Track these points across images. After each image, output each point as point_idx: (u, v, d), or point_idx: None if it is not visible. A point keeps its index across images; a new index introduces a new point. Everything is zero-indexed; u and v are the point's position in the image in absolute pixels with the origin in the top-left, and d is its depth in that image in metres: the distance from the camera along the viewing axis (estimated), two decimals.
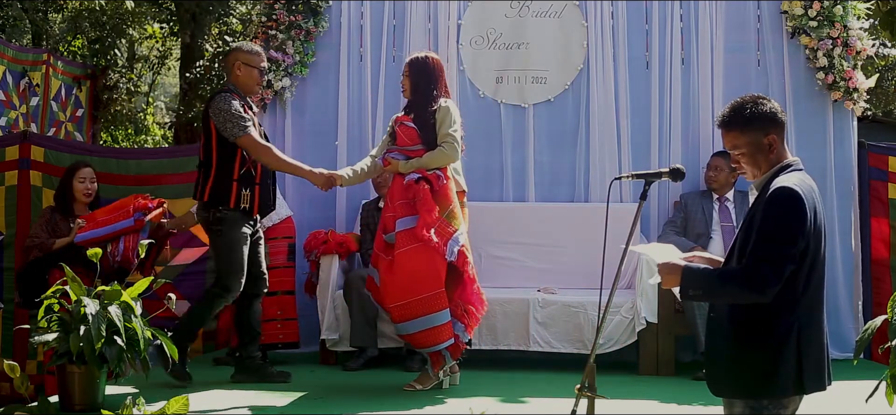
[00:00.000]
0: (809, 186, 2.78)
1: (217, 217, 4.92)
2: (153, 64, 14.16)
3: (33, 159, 6.15)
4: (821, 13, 6.22)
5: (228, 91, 5.03)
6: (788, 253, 2.67)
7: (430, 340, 4.83)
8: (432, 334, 4.82)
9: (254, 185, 4.98)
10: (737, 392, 2.80)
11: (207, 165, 4.98)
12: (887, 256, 6.12)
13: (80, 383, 4.21)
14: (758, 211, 2.75)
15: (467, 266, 4.86)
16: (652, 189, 4.22)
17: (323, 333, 5.78)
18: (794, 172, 2.81)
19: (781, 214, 2.69)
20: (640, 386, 5.27)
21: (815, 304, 2.77)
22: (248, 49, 5.15)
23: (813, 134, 6.32)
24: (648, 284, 5.55)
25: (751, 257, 2.70)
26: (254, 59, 5.09)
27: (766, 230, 2.69)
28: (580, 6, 6.52)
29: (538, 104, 6.52)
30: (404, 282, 4.80)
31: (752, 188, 2.93)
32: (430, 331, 4.81)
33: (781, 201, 2.70)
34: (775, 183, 2.76)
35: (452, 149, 4.91)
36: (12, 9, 10.38)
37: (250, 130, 4.88)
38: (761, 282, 2.66)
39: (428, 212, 4.78)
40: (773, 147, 2.84)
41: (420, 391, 4.94)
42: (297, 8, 6.40)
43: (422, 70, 5.00)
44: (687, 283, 2.79)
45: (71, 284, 4.21)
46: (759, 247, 2.68)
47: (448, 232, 4.80)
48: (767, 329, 2.73)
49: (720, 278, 2.77)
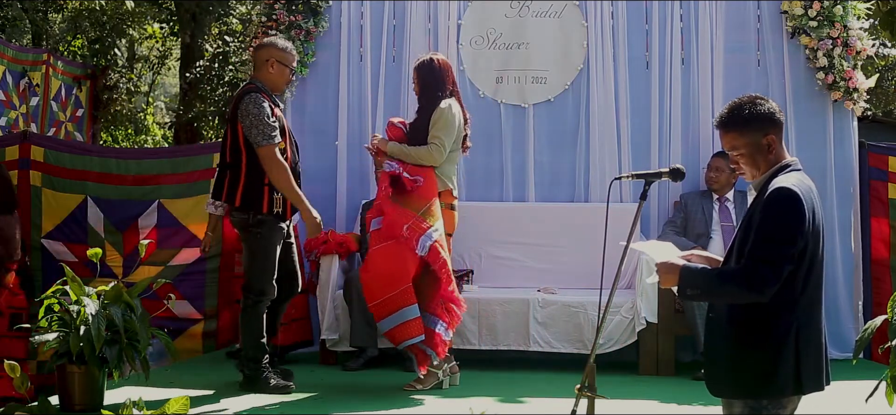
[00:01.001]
0: (808, 186, 2.78)
1: (257, 219, 4.84)
2: (153, 64, 14.17)
3: (33, 159, 6.15)
4: (821, 13, 6.21)
5: (257, 90, 4.87)
6: (787, 253, 2.67)
7: (401, 335, 4.83)
8: (403, 329, 4.81)
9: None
10: (736, 392, 2.80)
11: (235, 167, 4.85)
12: (887, 256, 6.12)
13: (80, 383, 4.21)
14: (756, 211, 2.75)
15: (439, 264, 4.85)
16: (652, 189, 4.21)
17: (323, 333, 5.78)
18: (793, 172, 2.81)
19: (780, 215, 2.68)
20: (640, 386, 5.27)
21: (813, 304, 2.77)
22: (282, 46, 5.04)
23: (813, 134, 6.31)
24: (648, 284, 5.55)
25: (749, 258, 2.69)
26: (288, 57, 5.02)
27: (765, 230, 2.68)
28: (580, 6, 6.52)
29: (538, 104, 6.52)
30: (379, 280, 4.83)
31: (751, 188, 2.93)
32: (401, 326, 4.82)
33: (780, 202, 2.69)
34: (774, 183, 2.75)
35: (437, 151, 4.95)
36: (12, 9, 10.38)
37: (274, 141, 4.78)
38: (760, 282, 2.66)
39: (389, 206, 4.85)
40: (772, 147, 2.84)
41: (420, 390, 4.94)
42: (297, 8, 6.40)
43: (428, 72, 5.06)
44: (685, 282, 2.80)
45: (71, 284, 4.21)
46: (758, 247, 2.68)
47: (421, 228, 4.82)
48: (766, 329, 2.72)
49: (719, 278, 2.77)
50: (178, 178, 6.28)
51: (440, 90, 5.03)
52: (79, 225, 6.15)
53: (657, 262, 2.87)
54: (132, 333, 4.23)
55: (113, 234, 6.13)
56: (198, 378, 5.12)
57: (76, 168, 6.19)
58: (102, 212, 6.14)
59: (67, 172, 6.19)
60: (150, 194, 6.20)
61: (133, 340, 4.23)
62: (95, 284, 4.39)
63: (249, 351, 4.91)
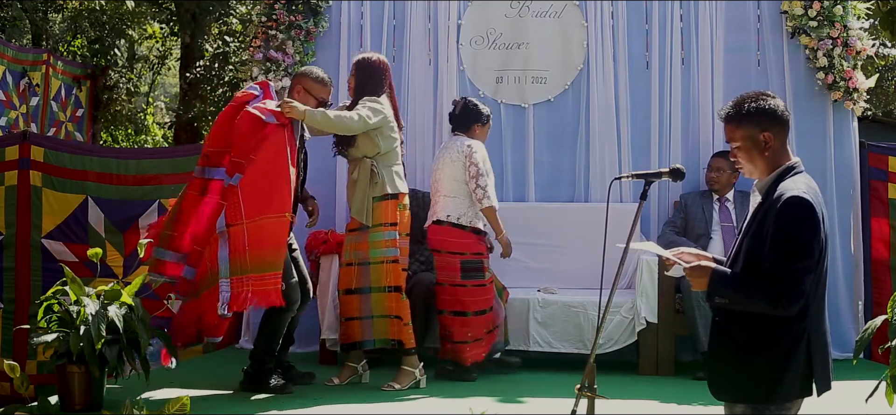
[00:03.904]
0: (815, 190, 2.77)
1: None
2: (153, 64, 14.18)
3: (33, 159, 6.14)
4: (821, 13, 6.21)
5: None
6: (809, 267, 2.67)
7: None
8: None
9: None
10: (741, 397, 2.78)
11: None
12: (887, 256, 6.12)
13: (80, 383, 4.21)
14: (769, 219, 2.72)
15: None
16: (652, 189, 4.21)
17: (323, 333, 5.78)
18: (798, 175, 2.79)
19: (798, 228, 2.67)
20: (640, 386, 5.27)
21: (821, 307, 2.77)
22: (314, 77, 5.09)
23: (813, 134, 6.31)
24: (648, 284, 5.55)
25: (773, 276, 2.67)
26: (316, 87, 5.05)
27: (786, 248, 2.67)
28: (580, 6, 6.52)
29: (538, 104, 6.52)
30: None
31: (755, 190, 2.90)
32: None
33: (796, 213, 2.68)
34: (784, 189, 2.73)
35: (361, 121, 4.89)
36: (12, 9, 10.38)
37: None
38: (787, 300, 2.65)
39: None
40: (769, 144, 2.82)
41: (398, 389, 4.99)
42: (297, 8, 6.40)
43: (367, 70, 5.10)
44: (714, 289, 2.77)
45: (71, 284, 4.21)
46: (780, 266, 2.66)
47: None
48: (778, 336, 2.71)
49: (745, 292, 2.73)
50: (178, 178, 6.26)
51: (376, 90, 5.05)
52: (79, 225, 6.14)
53: (688, 266, 2.83)
54: (132, 333, 4.24)
55: (113, 234, 6.13)
56: (198, 378, 5.12)
57: (76, 168, 6.18)
58: (103, 212, 6.13)
59: (67, 172, 6.18)
60: (150, 194, 6.19)
61: (133, 340, 4.23)
62: (95, 284, 4.39)
63: (260, 353, 4.94)
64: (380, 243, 4.97)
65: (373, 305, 5.00)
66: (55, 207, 6.13)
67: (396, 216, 5.01)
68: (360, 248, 5.00)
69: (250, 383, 4.93)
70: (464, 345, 5.34)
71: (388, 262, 4.97)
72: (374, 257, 4.97)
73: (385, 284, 4.98)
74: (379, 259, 4.97)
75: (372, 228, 4.97)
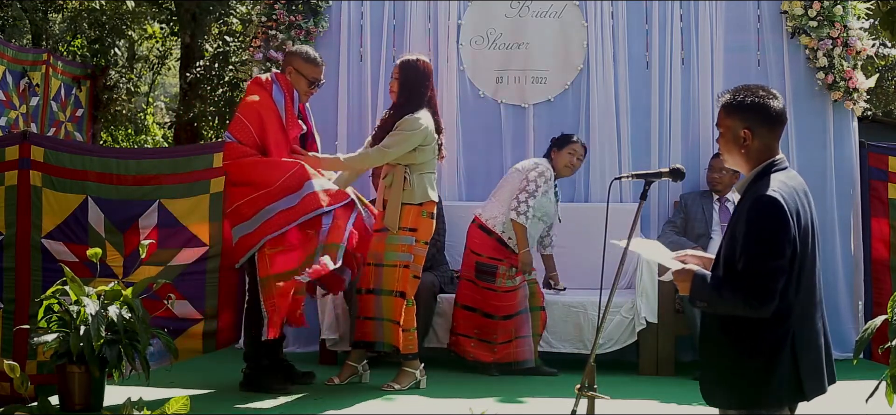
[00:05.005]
0: (792, 186, 2.71)
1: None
2: (153, 64, 14.18)
3: (33, 159, 6.14)
4: (821, 13, 6.22)
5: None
6: (779, 266, 2.62)
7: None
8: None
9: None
10: (731, 403, 2.75)
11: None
12: (887, 256, 6.12)
13: (80, 383, 4.21)
14: (740, 220, 2.69)
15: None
16: (652, 189, 4.21)
17: (323, 333, 5.78)
18: (778, 173, 2.75)
19: (764, 227, 2.63)
20: (640, 386, 5.27)
21: (807, 307, 2.72)
22: (305, 56, 5.11)
23: (813, 134, 6.32)
24: (649, 284, 5.55)
25: (744, 277, 2.63)
26: (306, 67, 5.07)
27: (754, 248, 2.62)
28: (580, 6, 6.52)
29: (538, 104, 6.52)
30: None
31: (736, 190, 2.89)
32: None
33: (762, 213, 2.64)
34: (757, 189, 2.69)
35: (380, 154, 4.97)
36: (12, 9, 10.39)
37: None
38: (758, 302, 2.61)
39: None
40: (747, 141, 2.78)
41: (398, 390, 4.98)
42: (297, 8, 6.40)
43: (412, 72, 5.04)
44: (693, 294, 2.75)
45: (71, 284, 4.21)
46: (750, 266, 2.62)
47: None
48: (761, 339, 2.67)
49: (720, 295, 2.69)
50: (178, 178, 6.28)
51: (419, 96, 5.00)
52: (79, 225, 6.14)
53: (674, 270, 2.82)
54: (132, 333, 4.24)
55: (113, 234, 6.13)
56: (198, 378, 5.12)
57: (76, 168, 6.18)
58: (103, 212, 6.13)
59: (67, 172, 6.18)
60: (150, 194, 6.19)
61: (133, 340, 4.23)
62: (96, 284, 4.39)
63: (251, 353, 4.95)
64: (395, 247, 4.97)
65: (383, 308, 5.00)
66: (55, 207, 6.13)
67: (418, 223, 4.99)
68: (377, 248, 5.01)
69: (250, 384, 4.93)
70: (468, 339, 5.47)
71: (401, 266, 4.97)
72: (388, 260, 4.98)
73: (393, 289, 4.98)
74: (392, 263, 4.97)
75: (391, 231, 4.98)
